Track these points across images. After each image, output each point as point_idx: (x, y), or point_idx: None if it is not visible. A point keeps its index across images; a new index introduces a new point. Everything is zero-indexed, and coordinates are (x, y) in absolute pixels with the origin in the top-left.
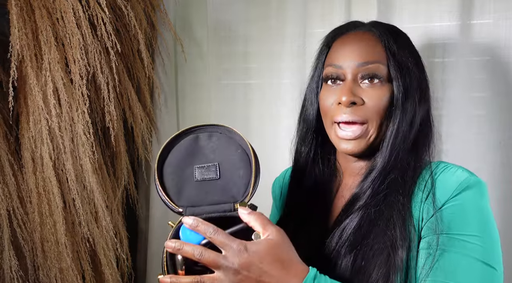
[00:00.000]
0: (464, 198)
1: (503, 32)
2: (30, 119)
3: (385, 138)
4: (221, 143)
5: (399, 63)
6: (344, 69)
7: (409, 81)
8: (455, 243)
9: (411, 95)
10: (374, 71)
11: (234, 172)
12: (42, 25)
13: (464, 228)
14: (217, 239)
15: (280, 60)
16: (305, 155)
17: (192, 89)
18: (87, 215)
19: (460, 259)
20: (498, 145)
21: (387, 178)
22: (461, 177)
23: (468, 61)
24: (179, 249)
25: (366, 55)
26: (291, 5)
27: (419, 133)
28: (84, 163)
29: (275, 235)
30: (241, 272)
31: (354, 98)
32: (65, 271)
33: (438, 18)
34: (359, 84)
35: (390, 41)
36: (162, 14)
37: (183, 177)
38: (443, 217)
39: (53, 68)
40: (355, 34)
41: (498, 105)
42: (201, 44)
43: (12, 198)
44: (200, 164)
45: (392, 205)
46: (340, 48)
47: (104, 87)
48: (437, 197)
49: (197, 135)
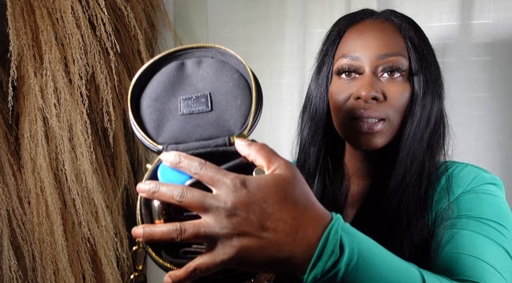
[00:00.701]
0: (480, 189)
1: (503, 32)
2: (27, 119)
3: (403, 137)
4: (212, 68)
5: (420, 56)
6: (361, 61)
7: (429, 76)
8: (474, 223)
9: (429, 92)
10: (396, 64)
11: (230, 101)
12: (43, 25)
13: (483, 213)
14: (205, 174)
15: (280, 60)
16: (315, 156)
17: None
18: (87, 215)
19: (478, 238)
20: (498, 145)
21: (402, 182)
22: (475, 173)
23: (468, 61)
24: (155, 192)
25: (386, 46)
26: (291, 5)
27: (433, 133)
28: (82, 163)
29: (284, 169)
30: (237, 213)
31: (376, 93)
32: (62, 272)
33: (438, 18)
34: (379, 78)
35: (411, 32)
36: (162, 14)
37: (164, 110)
38: (461, 203)
39: (54, 68)
40: (372, 22)
41: (498, 105)
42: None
43: (11, 198)
44: (186, 95)
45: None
46: (356, 38)
47: (104, 87)
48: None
49: (182, 61)
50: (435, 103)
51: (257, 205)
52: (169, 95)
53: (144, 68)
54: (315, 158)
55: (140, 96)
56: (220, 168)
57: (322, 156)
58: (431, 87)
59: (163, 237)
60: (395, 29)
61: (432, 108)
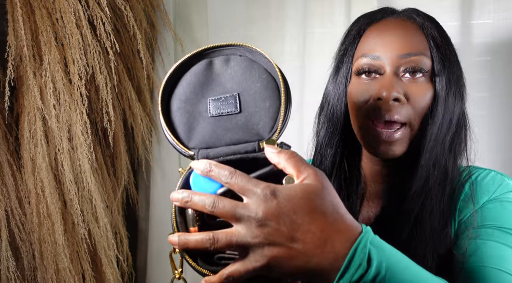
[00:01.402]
0: (504, 198)
1: (503, 32)
2: (26, 119)
3: (425, 140)
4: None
5: (443, 56)
6: (382, 61)
7: (452, 77)
8: (497, 233)
9: (452, 92)
10: (419, 64)
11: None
12: (42, 26)
13: (505, 222)
14: (235, 183)
15: (280, 60)
16: (331, 158)
17: None
18: (87, 215)
19: (503, 248)
20: (498, 145)
21: (425, 186)
22: (500, 181)
23: (468, 61)
24: (187, 201)
25: (408, 45)
26: (291, 5)
27: (455, 135)
28: (82, 163)
29: (313, 179)
30: (268, 224)
31: (398, 94)
32: (62, 272)
33: (438, 18)
34: (400, 78)
35: (434, 31)
36: (162, 14)
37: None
38: (485, 212)
39: (53, 68)
40: (393, 21)
41: (498, 105)
42: (201, 44)
43: (10, 199)
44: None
45: (432, 214)
46: (376, 36)
47: (103, 87)
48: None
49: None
50: (457, 105)
51: (287, 216)
52: (198, 97)
53: (173, 68)
54: (331, 160)
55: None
56: (250, 177)
57: (338, 158)
58: (453, 88)
59: (197, 246)
60: (417, 28)
61: (455, 110)
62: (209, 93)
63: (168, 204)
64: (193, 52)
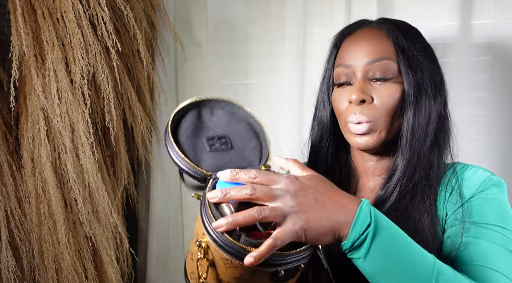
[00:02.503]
0: (489, 193)
1: (503, 32)
2: (29, 119)
3: (402, 136)
4: (224, 118)
5: (409, 58)
6: (353, 68)
7: (421, 76)
8: (483, 231)
9: (424, 91)
10: (384, 68)
11: (245, 143)
12: (44, 25)
13: (490, 219)
14: (264, 177)
15: (280, 60)
16: (323, 158)
17: (192, 89)
18: (89, 215)
19: (489, 246)
20: (498, 145)
21: (412, 178)
22: (484, 175)
23: (468, 61)
24: (226, 194)
25: (374, 52)
26: (291, 5)
27: (438, 130)
28: (84, 163)
29: (317, 175)
30: (298, 196)
31: (364, 96)
32: (65, 271)
33: (438, 18)
34: (370, 82)
35: (399, 37)
36: (162, 14)
37: (196, 147)
38: (471, 208)
39: (56, 68)
40: (363, 31)
41: (498, 105)
42: (201, 44)
43: (10, 199)
44: (209, 136)
45: (420, 207)
46: (348, 47)
47: (105, 87)
48: (463, 193)
49: (199, 109)
50: (432, 102)
51: (310, 188)
52: (196, 135)
53: (175, 111)
54: (323, 159)
55: (176, 135)
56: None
57: (329, 158)
58: (424, 87)
59: (247, 220)
60: (385, 35)
61: (430, 108)
62: (204, 134)
63: (168, 204)
64: (186, 104)
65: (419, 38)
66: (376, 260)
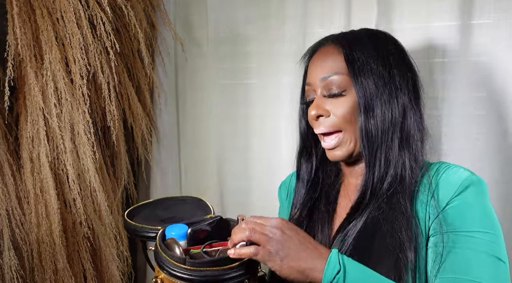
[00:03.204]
0: (467, 196)
1: (503, 32)
2: (29, 119)
3: (361, 143)
4: (175, 208)
5: (358, 69)
6: (313, 85)
7: (373, 83)
8: (462, 239)
9: (374, 96)
10: (332, 83)
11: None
12: (43, 25)
13: (470, 224)
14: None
15: (280, 60)
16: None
17: (192, 89)
18: (91, 214)
19: (470, 254)
20: (498, 145)
21: (384, 180)
22: (463, 176)
23: (468, 61)
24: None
25: (327, 68)
26: (291, 5)
27: (404, 131)
28: (85, 163)
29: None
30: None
31: (318, 111)
32: (61, 272)
33: (438, 18)
34: (326, 96)
35: (348, 50)
36: (162, 14)
37: (151, 222)
38: (448, 216)
39: (54, 68)
40: (321, 50)
41: (498, 105)
42: (201, 44)
43: (10, 198)
44: (161, 219)
45: (395, 207)
46: (310, 66)
47: (105, 87)
48: (440, 197)
49: (152, 210)
50: (388, 105)
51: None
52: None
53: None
54: (305, 167)
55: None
56: None
57: (311, 165)
58: (376, 93)
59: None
60: (336, 51)
61: (385, 111)
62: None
63: None
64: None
65: (375, 46)
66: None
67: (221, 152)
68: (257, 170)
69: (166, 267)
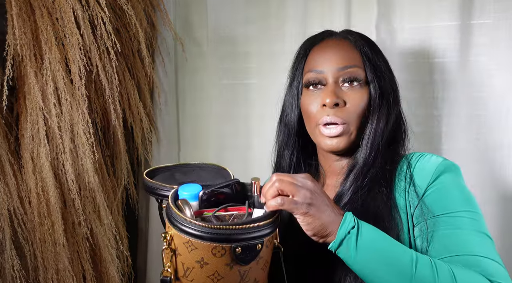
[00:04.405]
0: (444, 180)
1: (503, 32)
2: (29, 119)
3: (365, 136)
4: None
5: (374, 67)
6: (325, 74)
7: (384, 83)
8: (449, 220)
9: (386, 96)
10: (354, 74)
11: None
12: (43, 25)
13: (453, 206)
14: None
15: (280, 60)
16: (288, 158)
17: (192, 89)
18: (90, 214)
19: (460, 233)
20: (498, 145)
21: (368, 173)
22: (437, 162)
23: (468, 61)
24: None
25: (345, 60)
26: (291, 5)
27: (396, 130)
28: (84, 163)
29: None
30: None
31: (337, 99)
32: (62, 272)
33: (438, 18)
34: (340, 87)
35: (365, 47)
36: (162, 14)
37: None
38: (429, 202)
39: (54, 67)
40: (332, 41)
41: (498, 105)
42: (201, 44)
43: (12, 198)
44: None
45: (377, 197)
46: (319, 54)
47: (106, 87)
48: (418, 184)
49: (172, 173)
50: (392, 106)
51: (319, 191)
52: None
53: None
54: (288, 159)
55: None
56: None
57: (295, 157)
58: (386, 92)
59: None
60: (351, 45)
61: (391, 111)
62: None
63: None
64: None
65: (379, 50)
66: (364, 253)
67: (221, 152)
68: (257, 170)
69: (176, 223)
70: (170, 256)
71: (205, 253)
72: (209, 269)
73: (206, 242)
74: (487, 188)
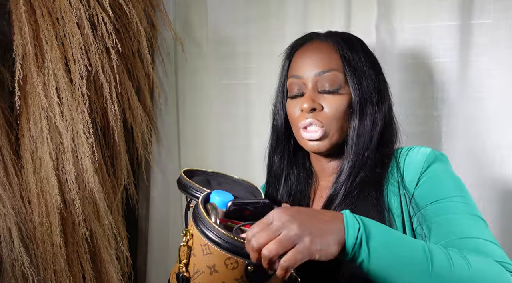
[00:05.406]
0: (435, 168)
1: (503, 32)
2: (31, 119)
3: (348, 140)
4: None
5: (354, 69)
6: (304, 79)
7: (366, 85)
8: (443, 206)
9: (368, 98)
10: (332, 79)
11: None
12: (44, 25)
13: (445, 192)
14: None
15: (280, 60)
16: (279, 162)
17: (192, 89)
18: (90, 214)
19: (455, 217)
20: (498, 145)
21: (357, 176)
22: (426, 152)
23: (468, 61)
24: None
25: (323, 64)
26: (291, 5)
27: (385, 132)
28: (84, 163)
29: None
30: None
31: (314, 104)
32: (59, 273)
33: (438, 18)
34: (319, 91)
35: (345, 49)
36: (162, 14)
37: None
38: (422, 192)
39: (55, 67)
40: (312, 44)
41: (498, 105)
42: (201, 44)
43: (15, 197)
44: None
45: (367, 200)
46: (299, 59)
47: (106, 87)
48: (409, 176)
49: (208, 179)
50: (376, 108)
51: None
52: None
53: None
54: (278, 162)
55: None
56: None
57: (285, 161)
58: (369, 94)
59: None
60: (332, 48)
61: (375, 112)
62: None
63: (167, 204)
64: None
65: (364, 48)
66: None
67: (221, 152)
68: (257, 170)
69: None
70: (186, 253)
71: (218, 261)
72: (217, 278)
73: (222, 250)
74: (487, 187)
